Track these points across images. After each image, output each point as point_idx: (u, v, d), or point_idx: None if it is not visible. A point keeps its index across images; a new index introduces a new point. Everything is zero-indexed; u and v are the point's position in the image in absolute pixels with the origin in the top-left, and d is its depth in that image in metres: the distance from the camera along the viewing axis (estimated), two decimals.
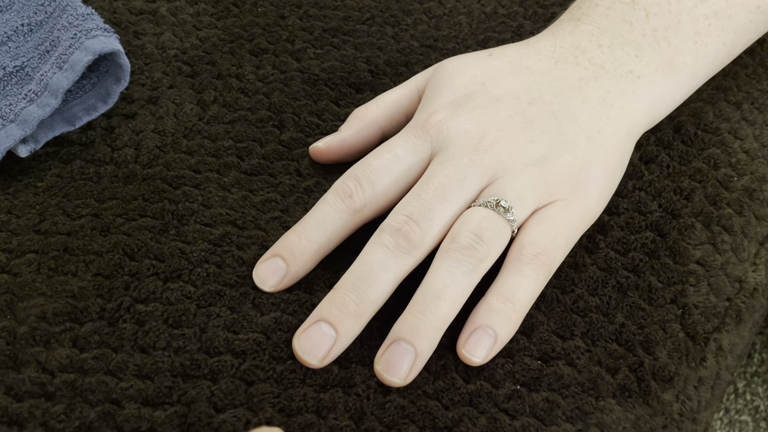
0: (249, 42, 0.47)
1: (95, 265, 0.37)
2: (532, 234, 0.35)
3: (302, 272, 0.36)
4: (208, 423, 0.32)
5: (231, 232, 0.38)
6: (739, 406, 0.89)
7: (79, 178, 0.41)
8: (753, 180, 0.41)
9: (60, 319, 0.35)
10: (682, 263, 0.38)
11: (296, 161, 0.42)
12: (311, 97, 0.45)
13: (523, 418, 0.33)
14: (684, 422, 0.34)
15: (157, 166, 0.41)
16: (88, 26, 0.41)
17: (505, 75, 0.39)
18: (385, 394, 0.33)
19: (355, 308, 0.34)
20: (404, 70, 0.46)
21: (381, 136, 0.41)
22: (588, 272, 0.37)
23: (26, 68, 0.42)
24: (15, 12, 0.44)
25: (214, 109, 0.44)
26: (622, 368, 0.35)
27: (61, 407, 0.32)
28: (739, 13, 0.41)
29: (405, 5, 0.50)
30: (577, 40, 0.40)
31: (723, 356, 0.36)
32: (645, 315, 0.36)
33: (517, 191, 0.36)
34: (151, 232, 0.38)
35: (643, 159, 0.42)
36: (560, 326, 0.36)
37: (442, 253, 0.34)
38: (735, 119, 0.43)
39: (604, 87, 0.39)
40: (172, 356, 0.34)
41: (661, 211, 0.40)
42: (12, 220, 0.39)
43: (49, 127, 0.42)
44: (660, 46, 0.40)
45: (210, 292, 0.36)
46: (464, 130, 0.37)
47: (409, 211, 0.35)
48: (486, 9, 0.50)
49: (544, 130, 0.37)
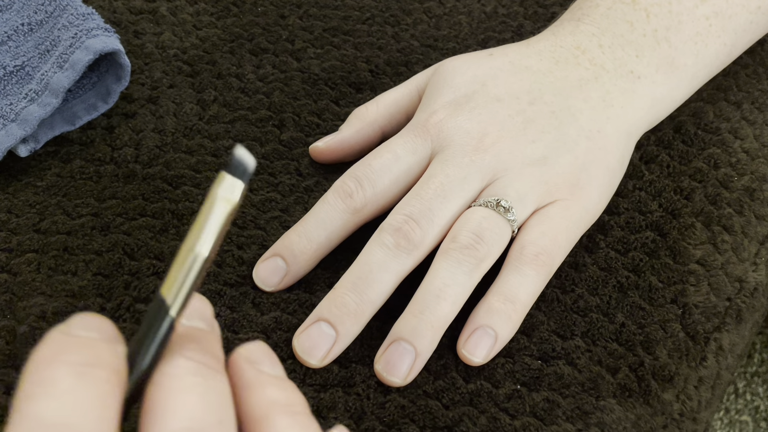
0: (249, 41, 0.47)
1: (95, 265, 0.37)
2: (533, 234, 0.35)
3: (302, 272, 0.36)
4: None
5: (231, 231, 0.38)
6: (740, 406, 0.89)
7: (79, 177, 0.41)
8: (753, 180, 0.41)
9: (60, 318, 0.35)
10: (683, 263, 0.38)
11: (296, 161, 0.42)
12: (311, 97, 0.45)
13: (523, 418, 0.33)
14: (684, 422, 0.34)
15: (157, 166, 0.41)
16: (89, 26, 0.41)
17: (505, 75, 0.39)
18: (385, 393, 0.33)
19: (355, 308, 0.34)
20: (404, 69, 0.46)
21: (381, 135, 0.41)
22: (588, 272, 0.37)
23: (26, 68, 0.42)
24: (15, 11, 0.44)
25: (214, 109, 0.44)
26: (623, 368, 0.35)
27: None
28: (739, 14, 0.41)
29: (405, 5, 0.50)
30: (578, 40, 0.40)
31: (723, 356, 0.36)
32: (645, 315, 0.36)
33: (518, 191, 0.36)
34: (151, 232, 0.38)
35: (643, 159, 0.42)
36: (560, 326, 0.36)
37: (443, 252, 0.34)
38: (735, 119, 0.43)
39: (605, 87, 0.39)
40: None
41: (661, 210, 0.40)
42: (12, 219, 0.39)
43: (50, 127, 0.42)
44: (660, 47, 0.40)
45: (210, 291, 0.36)
46: (465, 129, 0.37)
47: (410, 211, 0.35)
48: (486, 9, 0.50)
49: (544, 130, 0.37)
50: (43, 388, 0.20)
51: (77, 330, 0.21)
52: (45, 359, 0.20)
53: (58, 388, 0.20)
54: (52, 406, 0.19)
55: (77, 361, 0.20)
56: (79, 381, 0.20)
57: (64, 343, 0.21)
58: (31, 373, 0.20)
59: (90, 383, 0.20)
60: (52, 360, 0.20)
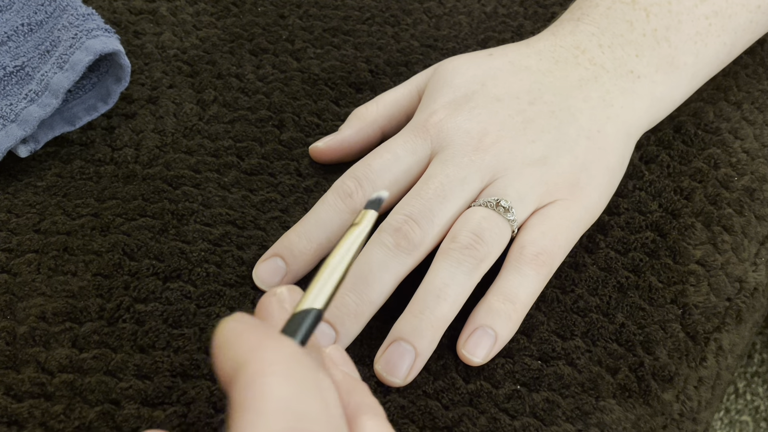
0: (249, 42, 0.47)
1: (95, 265, 0.37)
2: (533, 234, 0.35)
3: (302, 272, 0.36)
4: (208, 423, 0.32)
5: (231, 231, 0.38)
6: (740, 406, 0.89)
7: (79, 177, 0.41)
8: (753, 180, 0.41)
9: (59, 319, 0.35)
10: (683, 263, 0.38)
11: (296, 161, 0.42)
12: (311, 97, 0.45)
13: (523, 418, 0.33)
14: (684, 422, 0.34)
15: (156, 166, 0.41)
16: (89, 26, 0.41)
17: (505, 75, 0.39)
18: (385, 393, 0.33)
19: (355, 308, 0.34)
20: (404, 69, 0.46)
21: (381, 135, 0.41)
22: (588, 272, 0.37)
23: (26, 68, 0.42)
24: (15, 12, 0.44)
25: (214, 109, 0.44)
26: (622, 368, 0.35)
27: (61, 407, 0.32)
28: (739, 13, 0.41)
29: (405, 5, 0.50)
30: (578, 39, 0.40)
31: (723, 356, 0.36)
32: (645, 315, 0.36)
33: (518, 191, 0.36)
34: (151, 232, 0.38)
35: (643, 159, 0.42)
36: (560, 326, 0.36)
37: (443, 252, 0.34)
38: (735, 119, 0.43)
39: (605, 87, 0.39)
40: (171, 356, 0.34)
41: (661, 211, 0.40)
42: (12, 219, 0.39)
43: (50, 127, 0.42)
44: (660, 46, 0.40)
45: (210, 292, 0.36)
46: (464, 129, 0.37)
47: (410, 211, 0.35)
48: (486, 9, 0.50)
49: (544, 130, 0.37)
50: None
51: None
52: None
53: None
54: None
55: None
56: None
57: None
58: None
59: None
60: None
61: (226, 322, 0.24)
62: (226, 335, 0.23)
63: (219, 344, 0.23)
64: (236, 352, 0.22)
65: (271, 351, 0.22)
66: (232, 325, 0.24)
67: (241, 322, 0.24)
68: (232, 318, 0.24)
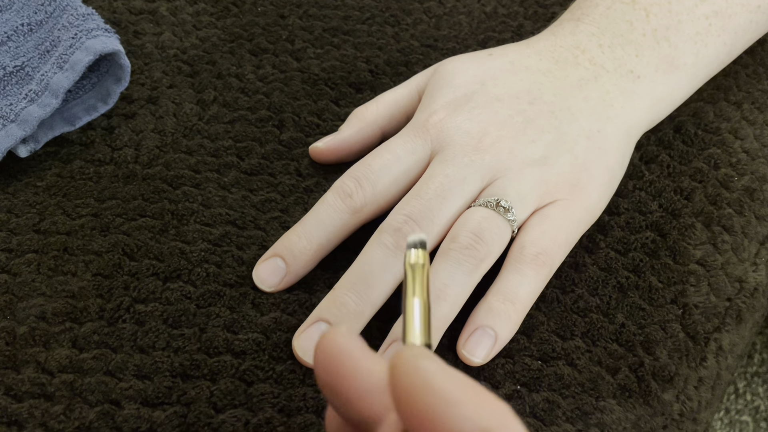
0: (249, 42, 0.47)
1: (95, 265, 0.37)
2: (533, 234, 0.35)
3: (302, 272, 0.36)
4: (208, 423, 0.32)
5: (231, 232, 0.38)
6: (740, 407, 0.89)
7: (79, 177, 0.41)
8: (753, 180, 0.41)
9: (59, 319, 0.35)
10: (683, 263, 0.38)
11: (296, 161, 0.42)
12: (311, 97, 0.45)
13: (523, 419, 0.33)
14: (684, 422, 0.34)
15: (156, 166, 0.41)
16: (89, 26, 0.41)
17: (505, 75, 0.39)
18: None
19: (355, 308, 0.34)
20: (404, 69, 0.46)
21: (381, 135, 0.41)
22: (588, 272, 0.37)
23: (26, 68, 0.42)
24: (15, 12, 0.44)
25: (214, 109, 0.44)
26: (623, 368, 0.35)
27: (61, 407, 0.32)
28: (739, 13, 0.41)
29: (405, 5, 0.50)
30: (578, 39, 0.40)
31: (723, 356, 0.36)
32: (645, 315, 0.36)
33: (518, 191, 0.36)
34: (151, 232, 0.38)
35: (643, 159, 0.42)
36: (560, 326, 0.36)
37: (443, 253, 0.34)
38: (735, 119, 0.43)
39: (605, 87, 0.39)
40: (171, 356, 0.34)
41: (661, 211, 0.40)
42: (12, 219, 0.39)
43: (49, 127, 0.42)
44: (660, 46, 0.40)
45: (210, 292, 0.36)
46: (464, 129, 0.37)
47: (410, 211, 0.35)
48: (486, 9, 0.50)
49: (544, 130, 0.37)
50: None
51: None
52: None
53: None
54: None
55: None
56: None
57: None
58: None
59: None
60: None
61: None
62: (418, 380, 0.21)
63: (401, 392, 0.21)
64: (474, 414, 0.20)
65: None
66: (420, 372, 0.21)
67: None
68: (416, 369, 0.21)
